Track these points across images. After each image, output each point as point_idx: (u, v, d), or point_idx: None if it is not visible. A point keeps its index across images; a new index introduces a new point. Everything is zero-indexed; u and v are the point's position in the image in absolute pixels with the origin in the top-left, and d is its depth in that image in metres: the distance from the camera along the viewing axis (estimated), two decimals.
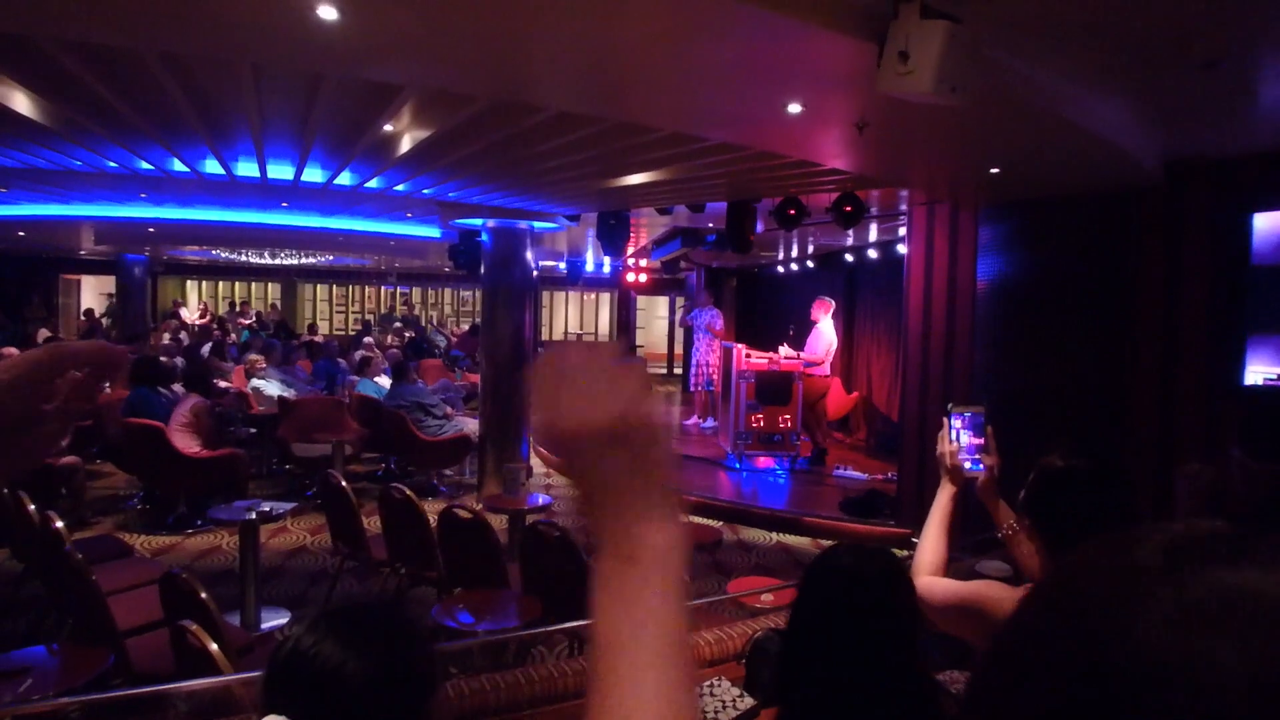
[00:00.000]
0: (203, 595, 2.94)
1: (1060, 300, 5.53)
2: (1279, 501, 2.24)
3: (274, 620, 4.90)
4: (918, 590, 1.78)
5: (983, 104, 3.35)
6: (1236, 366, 4.84)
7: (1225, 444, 2.47)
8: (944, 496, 1.88)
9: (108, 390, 9.43)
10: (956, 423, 1.89)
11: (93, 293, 19.77)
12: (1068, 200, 5.38)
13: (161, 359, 8.64)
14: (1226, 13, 2.79)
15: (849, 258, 10.85)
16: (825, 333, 9.15)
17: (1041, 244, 5.64)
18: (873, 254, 10.05)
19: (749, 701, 2.04)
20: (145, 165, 6.65)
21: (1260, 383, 4.75)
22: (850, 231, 8.26)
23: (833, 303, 9.43)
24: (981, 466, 1.87)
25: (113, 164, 6.65)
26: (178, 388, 7.64)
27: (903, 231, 7.31)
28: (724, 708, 2.01)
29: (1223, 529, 0.39)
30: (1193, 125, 4.35)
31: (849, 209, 6.54)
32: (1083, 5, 2.77)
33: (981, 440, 1.88)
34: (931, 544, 1.84)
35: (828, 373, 9.25)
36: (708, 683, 2.03)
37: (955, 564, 1.84)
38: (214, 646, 2.47)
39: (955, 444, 1.87)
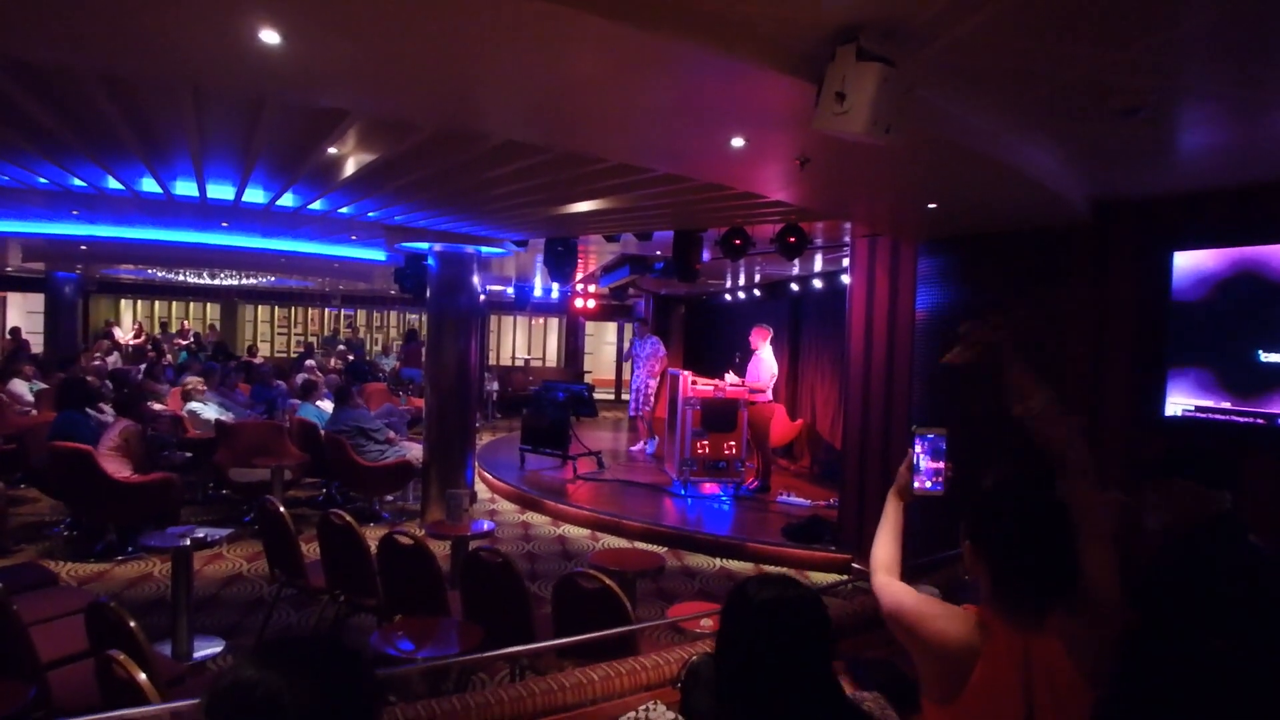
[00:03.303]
0: (131, 624, 2.86)
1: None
2: (1225, 520, 2.41)
3: (207, 650, 4.77)
4: (874, 586, 1.88)
5: (917, 143, 3.50)
6: (1158, 399, 5.05)
7: (1162, 472, 2.57)
8: (891, 507, 2.02)
9: (33, 413, 9.08)
10: (925, 445, 1.99)
11: (19, 311, 19.05)
12: (1003, 236, 5.58)
13: (89, 380, 8.36)
14: (1143, 66, 2.96)
15: (795, 287, 11.07)
16: (766, 360, 9.29)
17: (978, 278, 5.83)
18: (818, 284, 10.26)
19: None
20: (78, 182, 6.49)
21: (1179, 414, 4.97)
22: (795, 261, 8.44)
23: (770, 330, 9.58)
24: (941, 488, 1.98)
25: (43, 180, 6.48)
26: (108, 410, 7.40)
27: (846, 262, 7.49)
28: None
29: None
30: (1116, 168, 4.56)
31: (792, 240, 6.70)
32: (1009, 54, 2.91)
33: (941, 464, 1.97)
34: (885, 544, 1.96)
35: (770, 399, 9.38)
36: (643, 707, 2.05)
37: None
38: (141, 677, 2.41)
39: (916, 465, 1.99)
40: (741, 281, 12.39)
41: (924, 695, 1.72)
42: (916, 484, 1.98)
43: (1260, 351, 4.65)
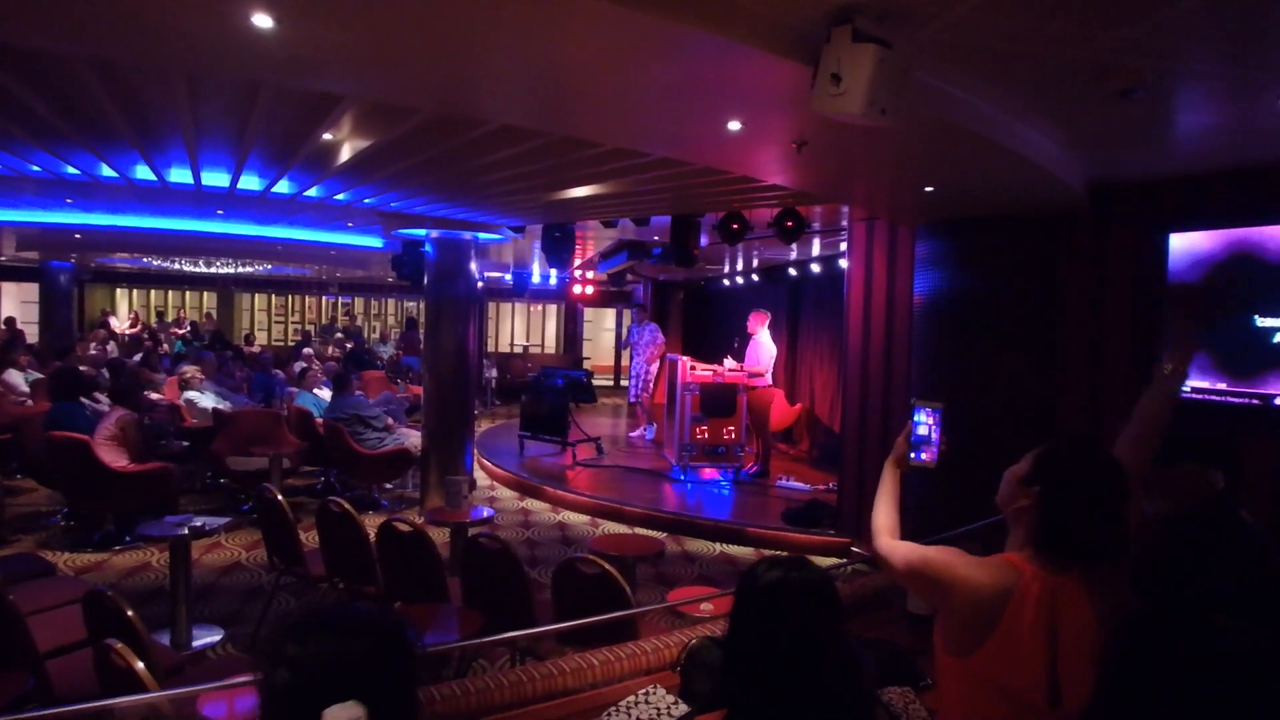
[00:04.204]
0: (129, 613, 2.86)
1: (992, 316, 5.70)
2: (1220, 502, 2.42)
3: (206, 639, 4.78)
4: (880, 550, 1.89)
5: (914, 126, 3.47)
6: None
7: (1160, 459, 2.57)
8: (888, 475, 2.04)
9: (29, 403, 9.07)
10: (924, 417, 2.02)
11: (13, 300, 18.97)
12: (1001, 219, 5.55)
13: (84, 369, 8.34)
14: (1139, 46, 2.94)
15: (793, 271, 11.05)
16: (764, 344, 9.28)
17: (976, 261, 5.80)
18: (816, 268, 10.24)
19: (684, 709, 2.06)
20: (72, 170, 6.45)
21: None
22: (793, 246, 8.41)
23: (769, 314, 9.57)
24: (936, 460, 2.01)
25: (37, 168, 6.43)
26: (103, 400, 7.39)
27: (844, 246, 7.46)
28: (659, 715, 2.04)
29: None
30: (1113, 151, 4.54)
31: (790, 224, 6.67)
32: (1006, 36, 2.89)
33: (937, 438, 2.01)
34: (885, 510, 1.99)
35: (769, 383, 9.37)
36: (643, 690, 2.05)
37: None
38: (140, 666, 2.41)
39: (914, 436, 2.02)
40: (740, 266, 12.38)
41: (942, 651, 1.72)
42: (913, 455, 2.00)
43: (1256, 332, 4.65)
